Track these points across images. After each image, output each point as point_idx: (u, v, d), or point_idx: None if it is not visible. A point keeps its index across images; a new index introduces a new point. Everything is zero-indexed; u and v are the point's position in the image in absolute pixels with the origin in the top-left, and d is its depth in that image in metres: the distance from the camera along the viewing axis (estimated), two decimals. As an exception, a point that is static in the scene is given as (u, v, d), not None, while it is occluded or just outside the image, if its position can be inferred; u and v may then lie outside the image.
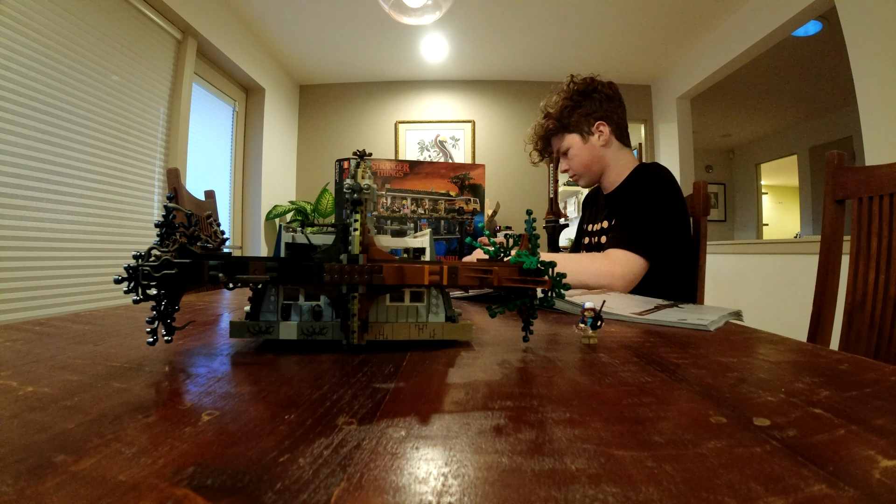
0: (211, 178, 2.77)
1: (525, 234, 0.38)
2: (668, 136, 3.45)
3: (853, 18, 1.87)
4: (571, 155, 1.12)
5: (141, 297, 0.32)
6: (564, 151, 1.13)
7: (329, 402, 0.24)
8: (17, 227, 1.46)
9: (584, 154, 1.11)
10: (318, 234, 0.39)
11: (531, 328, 0.38)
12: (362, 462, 0.17)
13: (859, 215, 0.82)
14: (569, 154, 1.12)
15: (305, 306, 0.37)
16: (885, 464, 0.17)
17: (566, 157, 1.14)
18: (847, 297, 0.82)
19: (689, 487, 0.15)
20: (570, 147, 1.11)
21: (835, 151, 0.87)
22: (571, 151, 1.11)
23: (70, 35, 1.65)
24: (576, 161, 1.12)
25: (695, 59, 3.09)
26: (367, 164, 0.37)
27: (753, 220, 5.44)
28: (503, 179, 3.66)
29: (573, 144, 1.11)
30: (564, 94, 1.11)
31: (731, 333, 0.46)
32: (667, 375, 0.29)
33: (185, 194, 1.24)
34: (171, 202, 0.34)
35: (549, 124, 1.12)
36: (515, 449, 0.18)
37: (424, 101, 3.75)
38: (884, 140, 1.75)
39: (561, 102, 1.10)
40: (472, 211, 0.95)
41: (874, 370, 0.31)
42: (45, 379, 0.27)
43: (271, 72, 3.24)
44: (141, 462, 0.17)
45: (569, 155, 1.13)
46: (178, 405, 0.23)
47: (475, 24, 2.87)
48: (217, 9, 2.49)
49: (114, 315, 0.52)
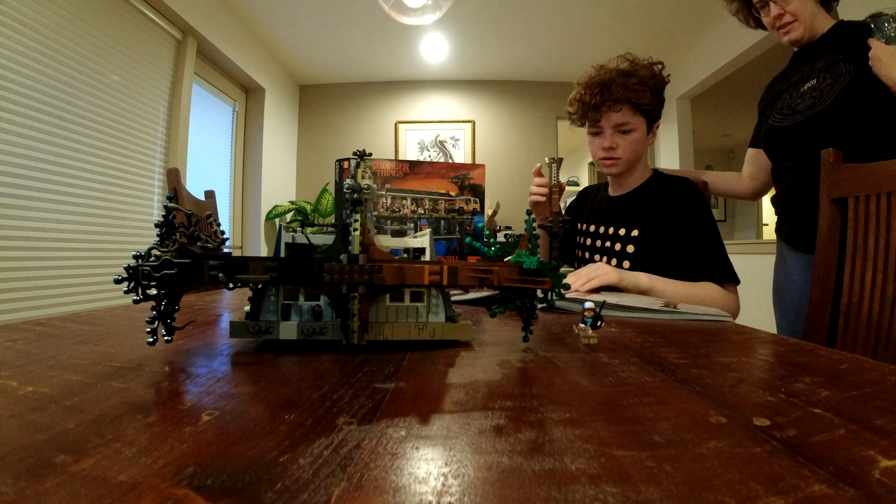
0: (211, 178, 2.77)
1: (525, 234, 0.38)
2: (668, 136, 3.45)
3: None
4: (631, 139, 0.97)
5: (141, 297, 0.32)
6: (627, 128, 0.97)
7: (329, 402, 0.24)
8: (17, 227, 1.46)
9: (641, 144, 0.99)
10: (318, 234, 0.39)
11: (531, 328, 0.38)
12: (362, 462, 0.17)
13: (856, 214, 0.80)
14: (630, 136, 0.97)
15: (305, 306, 0.37)
16: (885, 464, 0.17)
17: (622, 134, 0.98)
18: (843, 298, 0.81)
19: (689, 487, 0.15)
20: (636, 130, 0.97)
21: (831, 149, 0.85)
22: (634, 135, 0.97)
23: (70, 35, 1.65)
24: (633, 147, 0.98)
25: (695, 59, 3.09)
26: (367, 164, 0.37)
27: (753, 220, 5.44)
28: (503, 179, 3.66)
29: (640, 129, 0.98)
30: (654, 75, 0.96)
31: (731, 333, 0.46)
32: (667, 375, 0.29)
33: (185, 194, 1.24)
34: (171, 202, 0.34)
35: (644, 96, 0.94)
36: (515, 449, 0.18)
37: (424, 101, 3.75)
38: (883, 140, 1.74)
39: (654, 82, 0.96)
40: (472, 211, 0.95)
41: (874, 370, 0.31)
42: (45, 379, 0.27)
43: (271, 72, 3.24)
44: (141, 462, 0.17)
45: (629, 136, 0.97)
46: (178, 405, 0.23)
47: (475, 24, 2.87)
48: (217, 9, 2.49)
49: (114, 315, 0.52)
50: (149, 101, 2.08)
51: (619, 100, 0.94)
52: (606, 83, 0.95)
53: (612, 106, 0.95)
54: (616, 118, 0.96)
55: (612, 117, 0.96)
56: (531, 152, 3.65)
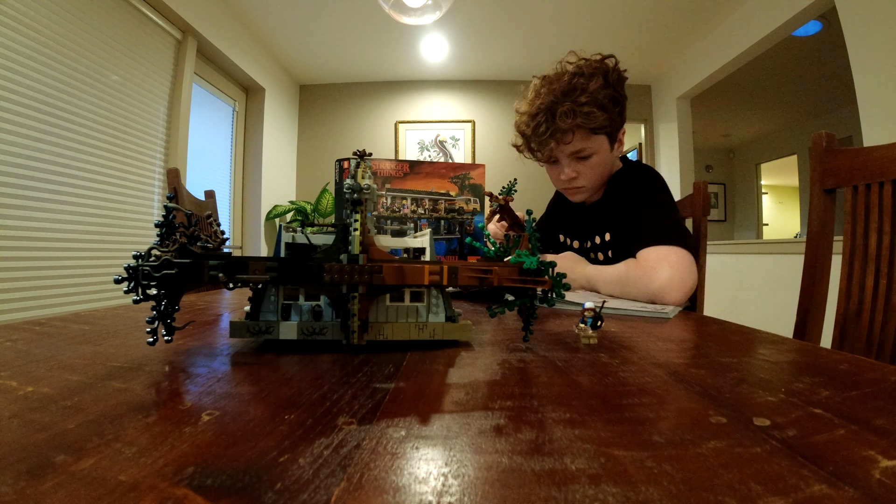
0: (211, 178, 2.77)
1: (525, 234, 0.38)
2: (668, 136, 3.45)
3: (853, 18, 1.87)
4: (593, 163, 0.85)
5: (141, 297, 0.32)
6: (584, 154, 0.84)
7: (329, 402, 0.24)
8: (17, 227, 1.46)
9: (606, 165, 0.87)
10: (318, 234, 0.39)
11: (531, 328, 0.38)
12: (362, 462, 0.17)
13: (854, 207, 0.69)
14: (590, 161, 0.85)
15: (305, 306, 0.37)
16: (885, 464, 0.17)
17: (582, 161, 0.85)
18: (839, 306, 0.70)
19: (689, 487, 0.15)
20: (596, 153, 0.84)
21: (823, 132, 0.74)
22: (595, 159, 0.85)
23: (70, 35, 1.65)
24: (595, 172, 0.86)
25: (695, 59, 3.09)
26: (367, 164, 0.37)
27: (753, 220, 5.44)
28: (503, 179, 3.66)
29: (601, 150, 0.84)
30: (605, 81, 0.80)
31: (731, 333, 0.46)
32: (667, 375, 0.29)
33: (185, 194, 1.24)
34: (171, 202, 0.34)
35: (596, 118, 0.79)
36: (515, 449, 0.18)
37: (424, 101, 3.75)
38: (884, 140, 1.74)
39: (606, 93, 0.80)
40: (472, 211, 0.95)
41: (874, 370, 0.31)
42: (45, 379, 0.27)
43: (271, 72, 3.24)
44: (141, 462, 0.17)
45: (589, 161, 0.85)
46: (178, 405, 0.23)
47: (475, 24, 2.86)
48: (217, 9, 2.49)
49: (114, 315, 0.52)
50: (149, 101, 2.08)
51: (566, 130, 0.81)
52: (550, 110, 0.82)
53: (562, 138, 0.82)
54: (569, 148, 0.84)
55: (565, 148, 0.84)
56: (531, 152, 3.65)
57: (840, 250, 0.73)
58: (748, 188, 5.54)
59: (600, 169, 0.87)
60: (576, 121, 0.80)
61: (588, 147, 0.84)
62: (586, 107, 0.79)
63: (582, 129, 0.81)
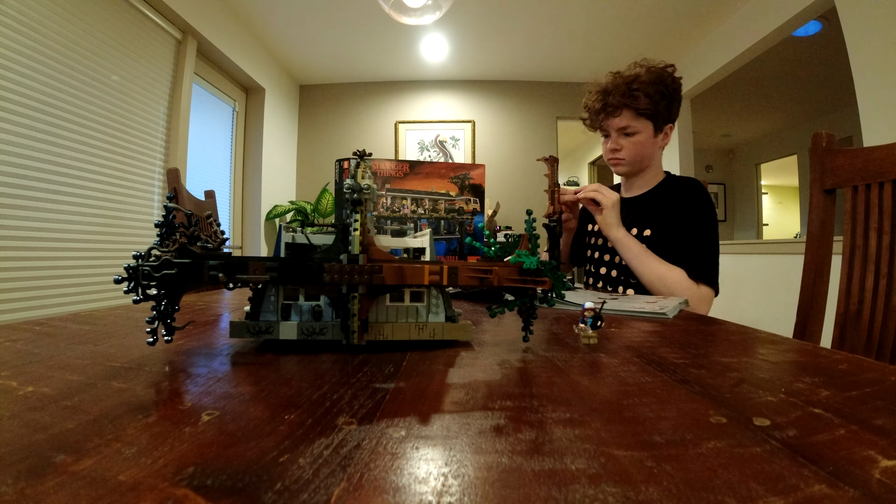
0: (211, 178, 2.77)
1: (525, 233, 0.38)
2: (668, 136, 3.45)
3: (853, 18, 1.87)
4: (635, 140, 1.01)
5: (141, 297, 0.32)
6: (629, 131, 1.01)
7: (329, 402, 0.24)
8: (17, 227, 1.46)
9: (647, 146, 1.02)
10: (318, 234, 0.39)
11: (531, 328, 0.38)
12: (362, 462, 0.17)
13: (854, 207, 0.69)
14: (633, 138, 1.01)
15: (305, 306, 0.37)
16: (885, 464, 0.17)
17: (626, 136, 1.02)
18: (839, 306, 0.70)
19: (689, 487, 0.15)
20: (640, 132, 1.01)
21: (823, 132, 0.74)
22: (638, 137, 1.01)
23: (70, 35, 1.65)
24: (636, 149, 1.02)
25: (695, 60, 3.09)
26: (367, 164, 0.37)
27: (753, 220, 5.44)
28: (503, 179, 3.66)
29: (644, 131, 1.01)
30: (659, 79, 0.99)
31: (730, 333, 0.46)
32: (667, 375, 0.29)
33: (185, 194, 1.24)
34: (171, 202, 0.34)
35: (642, 102, 0.98)
36: (515, 449, 0.18)
37: (424, 101, 3.75)
38: (884, 140, 1.74)
39: (657, 87, 0.98)
40: (472, 211, 0.95)
41: (874, 370, 0.31)
42: (45, 379, 0.27)
43: (271, 72, 3.24)
44: (141, 462, 0.17)
45: (632, 138, 1.01)
46: (178, 405, 0.23)
47: (475, 24, 2.86)
48: (217, 9, 2.49)
49: (114, 315, 0.52)
50: (149, 101, 2.08)
51: (617, 106, 1.00)
52: (607, 90, 1.01)
53: (612, 112, 1.01)
54: (617, 122, 1.01)
55: (614, 122, 1.02)
56: (531, 152, 3.65)
57: (840, 250, 0.73)
58: (748, 188, 5.54)
59: (641, 149, 1.02)
60: (624, 100, 0.99)
61: (633, 126, 1.00)
62: (636, 92, 0.98)
63: (629, 108, 0.99)
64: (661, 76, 0.99)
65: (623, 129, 1.01)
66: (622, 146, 1.03)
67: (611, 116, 1.02)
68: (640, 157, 1.03)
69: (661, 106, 0.99)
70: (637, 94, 0.98)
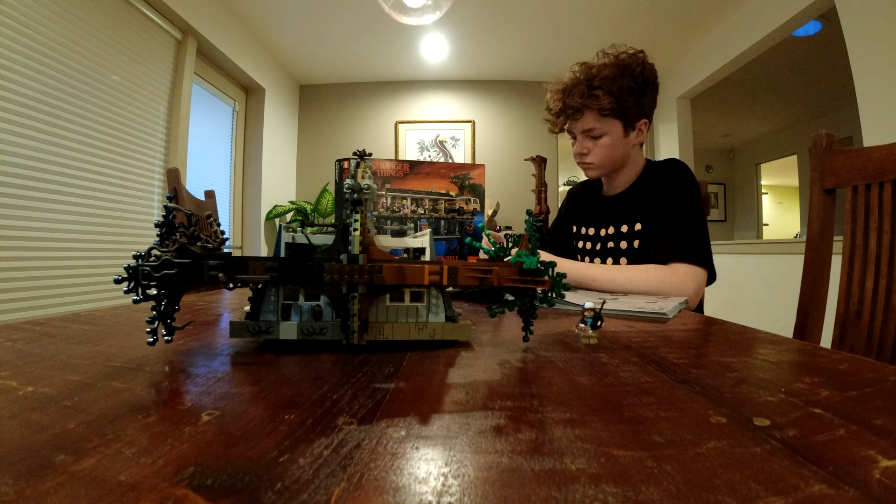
0: (211, 178, 2.77)
1: (525, 233, 0.38)
2: (668, 136, 3.45)
3: (853, 18, 1.87)
4: (603, 143, 0.94)
5: (141, 297, 0.32)
6: (595, 134, 0.94)
7: (329, 402, 0.24)
8: (17, 227, 1.46)
9: (617, 148, 0.94)
10: (318, 234, 0.39)
11: (531, 328, 0.38)
12: (362, 462, 0.17)
13: (854, 207, 0.69)
14: (600, 140, 0.94)
15: (305, 306, 0.37)
16: (885, 464, 0.17)
17: (593, 140, 0.94)
18: (839, 306, 0.70)
19: (689, 487, 0.15)
20: (607, 134, 0.93)
21: (823, 132, 0.74)
22: (605, 139, 0.93)
23: (70, 35, 1.65)
24: (604, 152, 0.94)
25: (695, 59, 3.09)
26: (367, 164, 0.37)
27: (753, 220, 5.44)
28: (503, 179, 3.66)
29: (611, 132, 0.93)
30: (625, 72, 0.89)
31: (731, 333, 0.46)
32: (667, 375, 0.29)
33: (185, 194, 1.24)
34: (171, 202, 0.34)
35: (604, 101, 0.89)
36: (515, 449, 0.18)
37: (424, 101, 3.75)
38: (884, 140, 1.74)
39: (622, 81, 0.89)
40: (472, 211, 0.95)
41: (874, 370, 0.31)
42: (45, 379, 0.27)
43: (271, 72, 3.24)
44: (141, 462, 0.17)
45: (599, 141, 0.94)
46: (178, 405, 0.23)
47: (475, 24, 2.86)
48: (217, 9, 2.49)
49: (114, 315, 0.52)
50: (149, 101, 2.08)
51: (577, 108, 0.92)
52: (566, 89, 0.93)
53: (573, 114, 0.94)
54: (580, 125, 0.95)
55: (577, 125, 0.95)
56: (531, 152, 3.64)
57: (840, 250, 0.73)
58: (748, 188, 5.54)
59: (610, 151, 0.95)
60: (584, 101, 0.90)
61: (598, 128, 0.93)
62: (598, 91, 0.89)
63: (591, 109, 0.91)
64: (628, 67, 0.90)
65: (588, 132, 0.94)
66: (588, 149, 0.96)
67: (572, 119, 0.95)
68: (609, 159, 0.96)
69: (630, 102, 0.90)
70: (597, 94, 0.89)
